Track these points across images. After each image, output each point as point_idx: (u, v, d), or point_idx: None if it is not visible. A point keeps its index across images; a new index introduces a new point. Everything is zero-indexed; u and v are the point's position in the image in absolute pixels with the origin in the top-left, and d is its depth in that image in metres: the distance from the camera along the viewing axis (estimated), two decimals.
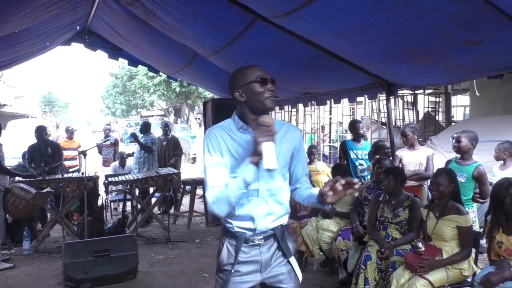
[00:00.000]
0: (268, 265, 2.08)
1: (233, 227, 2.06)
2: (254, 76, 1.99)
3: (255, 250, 2.07)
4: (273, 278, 2.10)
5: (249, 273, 2.07)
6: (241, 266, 2.07)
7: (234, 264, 2.05)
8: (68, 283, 4.43)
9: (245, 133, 2.03)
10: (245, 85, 1.99)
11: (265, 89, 1.99)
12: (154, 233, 6.66)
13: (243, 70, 2.04)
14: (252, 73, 2.00)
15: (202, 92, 25.41)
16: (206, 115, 7.76)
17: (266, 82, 1.99)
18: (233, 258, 2.06)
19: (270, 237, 2.08)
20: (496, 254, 3.16)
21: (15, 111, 27.65)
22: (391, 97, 5.22)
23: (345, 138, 8.12)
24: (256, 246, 2.06)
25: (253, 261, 2.07)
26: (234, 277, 2.06)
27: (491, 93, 8.38)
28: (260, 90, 1.99)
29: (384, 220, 3.90)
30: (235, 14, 3.94)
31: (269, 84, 1.99)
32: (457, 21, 2.66)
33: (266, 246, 2.08)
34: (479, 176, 4.15)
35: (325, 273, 4.78)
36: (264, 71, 2.02)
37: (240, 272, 2.07)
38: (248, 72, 2.01)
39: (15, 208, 5.35)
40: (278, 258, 2.10)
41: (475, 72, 3.76)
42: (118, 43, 6.89)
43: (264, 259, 2.07)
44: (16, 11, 3.88)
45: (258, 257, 2.07)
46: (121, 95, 41.60)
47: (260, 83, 1.98)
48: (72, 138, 8.98)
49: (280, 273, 2.09)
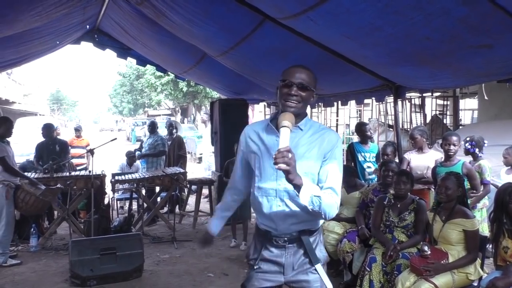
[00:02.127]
0: (292, 269, 2.07)
1: (260, 224, 2.12)
2: (285, 73, 2.01)
3: (279, 251, 2.07)
4: (297, 283, 2.08)
5: (271, 273, 2.09)
6: (264, 264, 2.09)
7: (257, 260, 2.09)
8: (74, 281, 4.46)
9: (269, 134, 2.06)
10: (279, 84, 2.03)
11: (286, 92, 1.99)
12: (160, 232, 6.68)
13: (287, 67, 2.05)
14: (288, 72, 2.02)
15: (209, 92, 25.48)
16: (213, 115, 7.77)
17: (289, 85, 1.98)
18: (257, 254, 2.10)
19: (296, 241, 2.06)
20: (502, 259, 3.15)
21: (23, 109, 27.88)
22: (399, 99, 5.21)
23: (352, 141, 8.10)
24: (281, 248, 2.06)
25: (275, 262, 2.08)
26: (257, 272, 2.10)
27: (500, 97, 8.34)
28: (283, 91, 2.01)
29: (390, 224, 3.89)
30: (243, 15, 3.94)
31: (293, 88, 1.98)
32: (467, 25, 2.64)
33: (292, 249, 2.06)
34: (468, 172, 4.34)
35: (330, 275, 4.69)
36: (299, 73, 2.00)
37: (262, 269, 2.09)
38: (287, 71, 2.03)
39: (25, 204, 5.39)
40: (304, 264, 2.07)
41: (484, 76, 3.74)
42: (127, 42, 6.92)
43: (288, 262, 2.06)
44: (27, 9, 3.91)
45: (281, 259, 2.07)
46: (129, 94, 41.81)
47: (284, 84, 2.00)
48: (80, 136, 9.06)
49: (304, 280, 2.07)
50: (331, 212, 1.95)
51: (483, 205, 4.78)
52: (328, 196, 1.95)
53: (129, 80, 38.47)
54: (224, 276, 4.79)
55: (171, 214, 7.33)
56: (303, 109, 2.07)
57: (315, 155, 2.01)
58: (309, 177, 1.97)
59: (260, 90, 6.81)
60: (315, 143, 2.03)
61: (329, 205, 1.93)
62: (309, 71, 2.05)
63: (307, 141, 2.04)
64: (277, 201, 2.03)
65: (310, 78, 2.03)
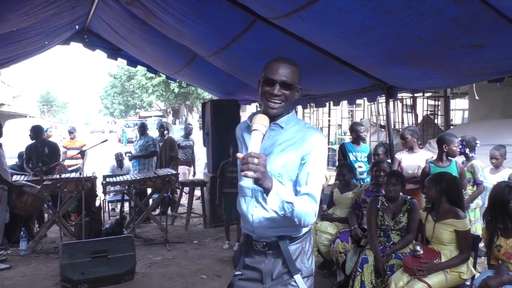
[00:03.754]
0: (271, 278, 1.91)
1: (242, 227, 2.03)
2: (267, 70, 1.85)
3: (259, 257, 1.93)
4: None
5: (251, 281, 1.96)
6: (245, 270, 1.98)
7: (240, 266, 2.00)
8: (65, 284, 4.40)
9: (249, 133, 1.85)
10: (261, 79, 1.87)
11: (268, 91, 1.83)
12: (152, 234, 6.63)
13: (270, 61, 1.88)
14: (270, 67, 1.85)
15: (201, 93, 25.44)
16: (205, 116, 7.74)
17: (271, 84, 1.83)
18: (240, 259, 2.01)
19: (275, 247, 1.90)
20: (495, 258, 3.15)
21: (13, 111, 27.63)
22: (391, 100, 5.22)
23: (344, 141, 8.11)
24: (261, 254, 1.93)
25: (255, 268, 1.94)
26: (239, 280, 1.99)
27: (490, 97, 8.41)
28: (264, 89, 1.85)
29: (386, 228, 3.86)
30: (235, 15, 3.93)
31: (275, 87, 1.82)
32: (458, 25, 2.65)
33: (271, 257, 1.91)
34: (461, 171, 4.41)
35: (323, 275, 4.76)
36: (282, 69, 1.83)
37: (244, 275, 1.98)
38: (269, 66, 1.86)
39: (24, 205, 5.30)
40: (283, 275, 1.90)
41: (476, 75, 3.76)
42: (117, 43, 6.87)
43: (266, 270, 1.91)
44: (15, 9, 3.86)
45: (260, 265, 1.92)
46: (120, 96, 41.59)
47: (265, 83, 1.84)
48: (74, 138, 9.02)
49: None
50: (306, 220, 1.76)
51: (476, 205, 4.81)
52: (305, 203, 1.76)
53: (120, 81, 38.26)
54: (217, 277, 4.76)
55: (163, 215, 7.29)
56: (287, 108, 1.89)
57: (293, 154, 1.84)
58: (285, 178, 1.84)
59: (252, 90, 6.79)
60: (295, 142, 1.85)
61: (304, 213, 1.75)
62: (293, 66, 1.86)
63: (286, 139, 1.87)
64: (253, 202, 1.90)
65: (294, 74, 1.85)
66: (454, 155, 4.42)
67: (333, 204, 4.88)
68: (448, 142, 4.41)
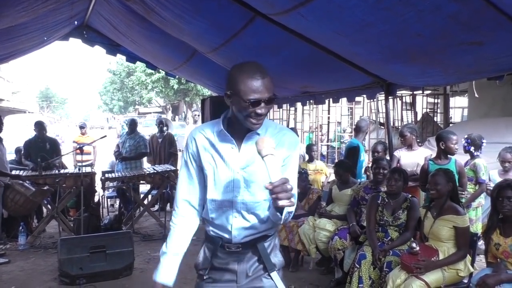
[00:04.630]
0: (246, 276, 1.89)
1: (210, 231, 1.91)
2: (248, 89, 1.66)
3: (231, 257, 1.88)
4: None
5: (224, 282, 1.90)
6: (215, 273, 1.91)
7: (208, 269, 1.91)
8: (64, 279, 4.41)
9: (224, 142, 1.81)
10: (235, 92, 1.70)
11: (253, 111, 1.68)
12: (151, 230, 6.64)
13: (242, 71, 1.70)
14: (250, 85, 1.66)
15: (200, 89, 25.44)
16: (204, 112, 7.74)
17: (256, 104, 1.67)
18: (208, 263, 1.91)
19: (250, 247, 1.88)
20: (493, 256, 3.15)
21: (12, 106, 27.60)
22: (390, 97, 5.21)
23: (343, 139, 8.11)
24: (233, 254, 1.88)
25: (228, 269, 1.89)
26: (207, 283, 1.92)
27: (489, 95, 8.40)
28: (248, 109, 1.68)
29: (385, 223, 3.88)
30: (234, 11, 3.92)
31: (261, 106, 1.68)
32: (458, 21, 2.64)
33: (246, 255, 1.88)
34: (460, 170, 4.36)
35: (321, 272, 4.77)
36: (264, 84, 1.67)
37: (214, 279, 1.91)
38: (244, 78, 1.67)
39: (15, 204, 5.32)
40: (258, 271, 1.89)
41: (475, 73, 3.75)
42: (116, 39, 6.85)
43: (241, 269, 1.88)
44: (13, 4, 3.85)
45: (234, 266, 1.88)
46: (119, 92, 41.53)
47: (251, 104, 1.67)
48: (85, 133, 9.04)
49: (260, 287, 1.89)
50: (289, 219, 1.79)
51: (478, 204, 4.77)
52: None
53: (119, 77, 38.21)
54: None
55: (162, 211, 7.28)
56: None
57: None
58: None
59: None
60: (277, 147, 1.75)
61: (291, 213, 1.76)
62: (267, 73, 1.71)
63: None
64: (234, 213, 1.84)
65: (272, 83, 1.71)
66: (452, 152, 4.38)
67: (332, 201, 4.88)
68: (445, 139, 4.38)
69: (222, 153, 1.82)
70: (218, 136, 1.83)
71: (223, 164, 1.81)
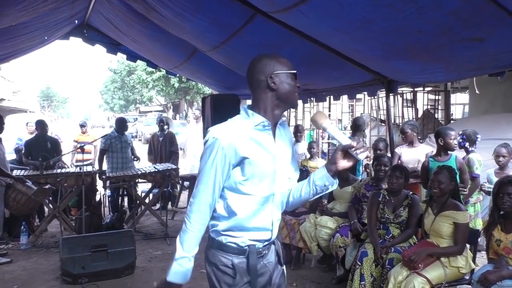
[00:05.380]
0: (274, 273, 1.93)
1: (243, 241, 1.82)
2: (289, 67, 1.84)
3: (264, 261, 1.89)
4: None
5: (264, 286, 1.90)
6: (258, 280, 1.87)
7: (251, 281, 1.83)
8: (66, 278, 4.41)
9: (263, 131, 1.82)
10: (281, 74, 1.81)
11: (296, 85, 1.86)
12: (152, 229, 6.64)
13: (276, 57, 1.86)
14: (286, 63, 1.85)
15: (201, 88, 25.43)
16: (205, 111, 7.72)
17: (296, 78, 1.87)
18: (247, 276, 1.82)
19: (272, 244, 1.93)
20: (494, 252, 3.15)
21: (13, 106, 27.60)
22: (391, 94, 5.20)
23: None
24: (265, 257, 1.89)
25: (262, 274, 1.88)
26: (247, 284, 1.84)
27: (490, 91, 8.37)
28: (293, 83, 1.84)
29: (386, 221, 3.88)
30: (235, 9, 3.91)
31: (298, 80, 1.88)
32: (459, 18, 2.63)
33: (271, 254, 1.93)
34: (461, 166, 4.34)
35: (323, 269, 4.77)
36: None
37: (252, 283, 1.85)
38: (283, 61, 1.85)
39: (16, 203, 5.32)
40: (277, 266, 1.95)
41: (476, 69, 3.75)
42: (117, 38, 6.85)
43: (272, 268, 1.91)
44: (14, 4, 3.85)
45: (266, 269, 1.89)
46: (120, 91, 41.56)
47: (293, 76, 1.84)
48: (86, 132, 9.03)
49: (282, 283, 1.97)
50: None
51: (477, 200, 4.76)
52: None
53: (120, 76, 38.23)
54: None
55: (164, 210, 7.29)
56: None
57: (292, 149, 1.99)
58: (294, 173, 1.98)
59: None
60: (287, 136, 1.96)
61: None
62: None
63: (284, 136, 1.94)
64: (272, 207, 1.86)
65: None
66: (451, 148, 4.37)
67: (333, 198, 4.88)
68: (444, 135, 4.36)
69: (265, 145, 1.82)
70: (255, 128, 1.81)
71: (267, 156, 1.81)
